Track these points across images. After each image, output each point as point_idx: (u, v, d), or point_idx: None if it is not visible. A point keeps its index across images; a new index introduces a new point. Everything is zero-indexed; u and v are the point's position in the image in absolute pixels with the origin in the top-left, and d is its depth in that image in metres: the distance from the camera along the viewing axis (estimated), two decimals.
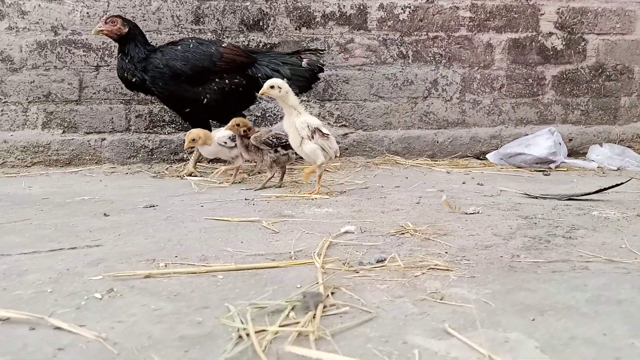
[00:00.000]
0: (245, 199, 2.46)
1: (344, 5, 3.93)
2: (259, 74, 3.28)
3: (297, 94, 3.21)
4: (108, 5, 3.74)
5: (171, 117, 3.88)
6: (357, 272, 1.34)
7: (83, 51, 3.74)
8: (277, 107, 3.87)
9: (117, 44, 3.29)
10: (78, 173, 3.48)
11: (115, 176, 3.36)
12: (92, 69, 3.75)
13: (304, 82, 3.36)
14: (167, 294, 1.20)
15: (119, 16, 3.27)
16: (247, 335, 0.96)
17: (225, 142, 2.95)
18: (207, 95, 3.24)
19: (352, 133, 4.00)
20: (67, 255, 1.55)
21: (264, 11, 3.87)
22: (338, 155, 2.64)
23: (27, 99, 3.72)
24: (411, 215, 2.03)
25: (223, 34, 3.85)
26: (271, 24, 3.89)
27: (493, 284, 1.25)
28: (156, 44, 3.66)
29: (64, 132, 3.77)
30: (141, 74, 3.20)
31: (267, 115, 3.95)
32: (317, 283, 1.25)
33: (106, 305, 1.14)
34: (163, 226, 1.92)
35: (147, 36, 3.54)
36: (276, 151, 2.72)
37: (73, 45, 3.73)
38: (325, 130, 2.53)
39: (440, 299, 1.15)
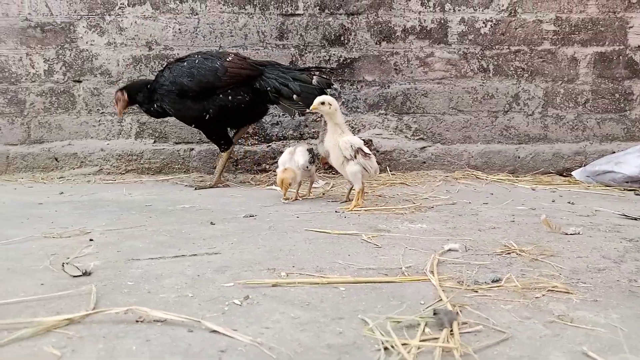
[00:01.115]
0: (336, 212, 2.54)
1: (425, 20, 3.96)
2: (268, 87, 3.25)
3: (303, 113, 3.27)
4: (198, 22, 3.95)
5: (254, 129, 4.03)
6: (476, 292, 1.37)
7: None
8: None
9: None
10: (169, 181, 3.68)
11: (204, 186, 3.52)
12: None
13: (313, 99, 3.34)
14: (299, 303, 1.28)
15: (118, 90, 3.43)
16: (392, 347, 1.02)
17: (308, 167, 2.88)
18: (210, 111, 3.25)
19: (430, 146, 4.01)
20: (192, 261, 1.66)
21: (345, 26, 3.96)
22: (378, 173, 2.69)
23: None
24: (510, 234, 2.03)
25: (305, 49, 3.97)
26: (352, 38, 3.98)
27: (619, 309, 1.25)
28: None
29: (155, 141, 3.99)
30: (152, 103, 3.34)
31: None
32: (441, 300, 1.29)
33: (248, 311, 1.23)
34: (269, 236, 2.02)
35: (233, 51, 3.73)
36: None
37: (165, 59, 3.95)
38: (367, 150, 2.58)
39: (570, 322, 1.16)
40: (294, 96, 3.18)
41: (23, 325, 1.14)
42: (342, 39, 3.97)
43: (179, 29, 3.95)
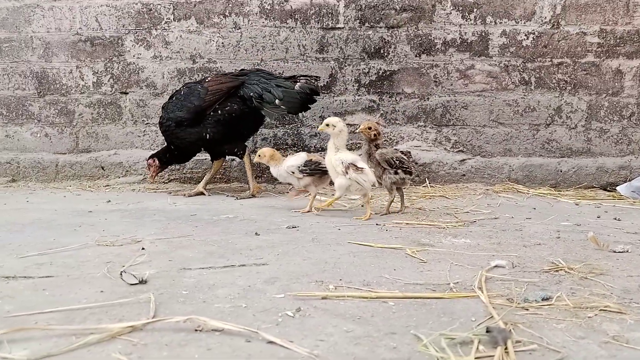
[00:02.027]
0: (377, 224, 2.55)
1: (465, 32, 3.95)
2: (251, 93, 3.41)
3: (286, 114, 3.50)
4: (241, 36, 4.04)
5: (293, 141, 4.09)
6: (527, 310, 1.36)
7: None
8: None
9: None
10: (210, 190, 3.76)
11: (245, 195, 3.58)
12: None
13: (296, 104, 3.46)
14: (351, 317, 1.30)
15: (153, 158, 3.66)
16: None
17: (293, 172, 2.90)
18: (208, 129, 3.43)
19: (469, 159, 3.98)
20: (241, 272, 1.71)
21: (385, 39, 3.99)
22: (376, 186, 2.77)
23: None
24: (556, 251, 2.01)
25: (345, 62, 4.01)
26: (391, 51, 4.00)
27: None
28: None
29: None
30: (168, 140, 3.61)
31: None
32: (492, 317, 1.29)
33: (301, 323, 1.26)
34: (313, 248, 2.05)
35: (274, 64, 3.82)
36: (396, 173, 2.78)
37: (208, 72, 4.05)
38: (360, 165, 2.68)
39: (626, 343, 1.15)
40: (276, 101, 3.36)
41: (89, 331, 1.19)
42: (381, 51, 4.00)
43: (222, 43, 4.05)
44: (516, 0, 3.91)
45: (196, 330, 1.20)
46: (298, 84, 3.46)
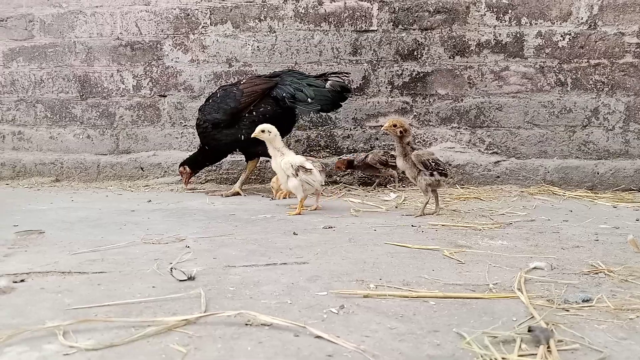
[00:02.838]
0: (412, 226, 2.58)
1: (500, 34, 3.94)
2: (284, 94, 3.52)
3: (318, 111, 3.60)
4: (276, 39, 4.12)
5: (326, 142, 4.14)
6: (567, 311, 1.38)
7: None
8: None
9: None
10: (246, 191, 3.84)
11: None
12: None
13: (327, 101, 3.57)
14: (393, 315, 1.34)
15: (183, 166, 3.81)
16: None
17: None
18: (243, 131, 3.52)
19: (504, 161, 3.97)
20: (283, 270, 1.77)
21: (418, 41, 4.01)
22: (323, 184, 2.99)
23: None
24: (595, 254, 2.01)
25: (378, 64, 4.05)
26: (425, 53, 4.02)
27: None
28: (316, 74, 3.96)
29: (233, 153, 4.17)
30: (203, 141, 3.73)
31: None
32: (533, 317, 1.31)
33: (346, 319, 1.31)
34: (351, 248, 2.10)
35: (308, 67, 3.89)
36: (432, 175, 2.79)
37: (244, 75, 4.14)
38: (308, 166, 2.85)
39: None
40: (309, 99, 3.48)
41: (147, 323, 1.27)
42: (415, 53, 4.02)
43: (257, 47, 4.14)
44: (552, 1, 3.88)
45: (246, 324, 1.26)
46: (329, 82, 3.58)
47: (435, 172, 2.80)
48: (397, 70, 4.05)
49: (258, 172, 4.17)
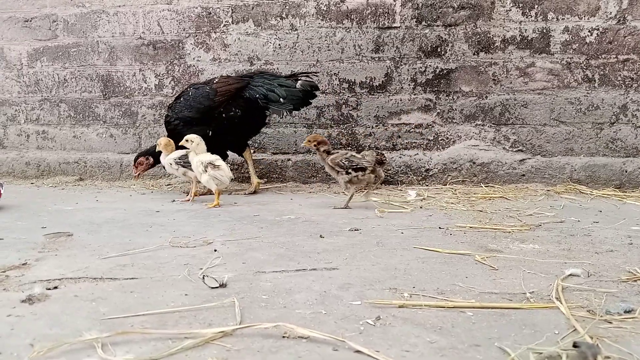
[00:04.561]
0: (440, 228, 2.55)
1: (525, 30, 3.86)
2: (257, 95, 3.56)
3: (291, 110, 3.67)
4: (297, 37, 4.09)
5: (348, 140, 4.11)
6: (610, 323, 1.34)
7: None
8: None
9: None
10: (269, 190, 3.84)
11: (301, 196, 3.64)
12: None
13: (298, 100, 3.61)
14: (432, 327, 1.32)
15: (139, 155, 3.77)
16: None
17: (171, 164, 3.40)
18: (212, 128, 3.57)
19: (529, 159, 3.90)
20: (314, 276, 1.75)
21: (442, 38, 3.95)
22: (232, 178, 3.28)
23: None
24: (631, 259, 1.96)
25: (401, 61, 4.00)
26: (449, 49, 3.96)
27: None
28: (338, 72, 3.94)
29: (254, 152, 4.17)
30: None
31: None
32: (575, 330, 1.28)
33: (383, 332, 1.29)
34: (380, 252, 2.07)
35: (330, 65, 3.87)
36: (348, 173, 3.07)
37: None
38: (217, 163, 3.16)
39: None
40: (281, 99, 3.53)
41: (184, 335, 1.26)
42: (438, 50, 3.96)
43: (279, 45, 4.11)
44: None
45: (283, 336, 1.25)
46: (299, 82, 3.62)
47: (350, 170, 3.06)
48: (420, 67, 3.99)
49: (279, 170, 4.16)
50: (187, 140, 3.26)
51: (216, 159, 3.21)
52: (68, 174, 4.48)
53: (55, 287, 1.66)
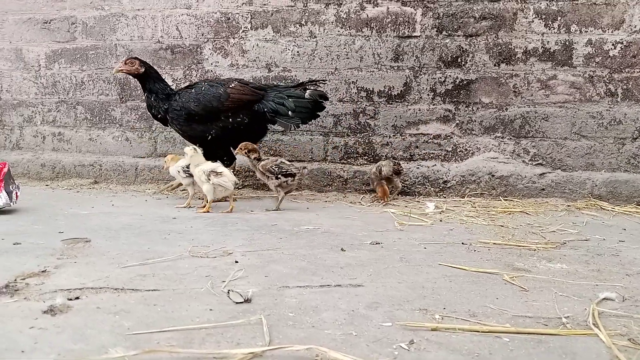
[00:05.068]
0: (462, 243, 2.50)
1: (548, 42, 3.81)
2: (265, 109, 3.55)
3: (298, 125, 3.62)
4: (316, 45, 4.06)
5: (364, 150, 4.07)
6: None
7: None
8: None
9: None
10: (285, 198, 3.79)
11: (317, 205, 3.60)
12: None
13: (307, 112, 3.59)
14: (468, 353, 1.27)
15: (136, 58, 3.67)
16: None
17: (179, 172, 3.40)
18: (212, 132, 3.54)
19: (549, 173, 3.84)
20: (339, 293, 1.71)
21: (463, 48, 3.91)
22: (238, 184, 3.39)
23: None
24: None
25: (420, 71, 3.96)
26: (469, 60, 3.91)
27: None
28: (356, 81, 3.91)
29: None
30: (164, 113, 3.62)
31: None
32: None
33: (418, 357, 1.24)
34: (404, 269, 2.03)
35: (348, 73, 3.82)
36: (278, 178, 3.28)
37: (283, 81, 4.10)
38: (219, 170, 3.16)
39: None
40: (289, 112, 3.52)
41: (212, 355, 1.23)
42: (458, 60, 3.92)
43: (298, 52, 4.09)
44: (604, 8, 3.74)
45: (315, 359, 1.21)
46: (308, 91, 3.58)
47: (280, 175, 3.27)
48: (440, 77, 3.95)
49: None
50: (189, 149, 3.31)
51: (217, 166, 3.20)
52: (83, 177, 4.47)
53: (77, 298, 1.63)
